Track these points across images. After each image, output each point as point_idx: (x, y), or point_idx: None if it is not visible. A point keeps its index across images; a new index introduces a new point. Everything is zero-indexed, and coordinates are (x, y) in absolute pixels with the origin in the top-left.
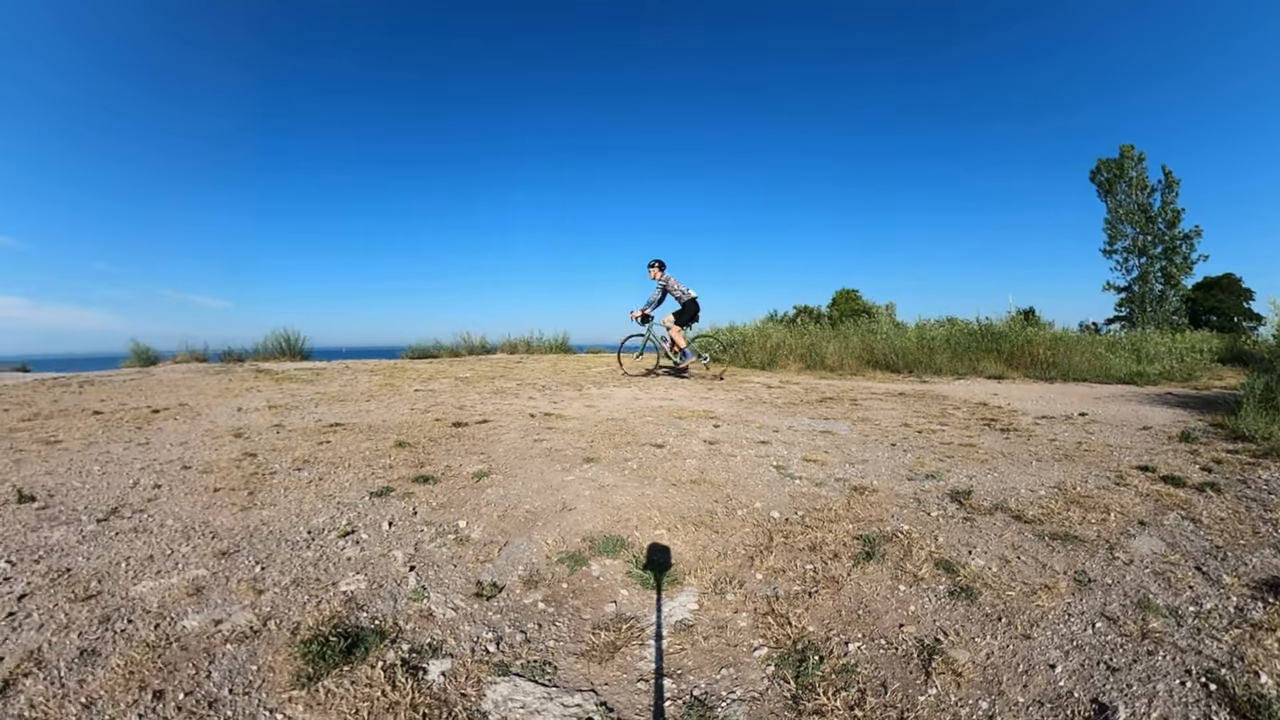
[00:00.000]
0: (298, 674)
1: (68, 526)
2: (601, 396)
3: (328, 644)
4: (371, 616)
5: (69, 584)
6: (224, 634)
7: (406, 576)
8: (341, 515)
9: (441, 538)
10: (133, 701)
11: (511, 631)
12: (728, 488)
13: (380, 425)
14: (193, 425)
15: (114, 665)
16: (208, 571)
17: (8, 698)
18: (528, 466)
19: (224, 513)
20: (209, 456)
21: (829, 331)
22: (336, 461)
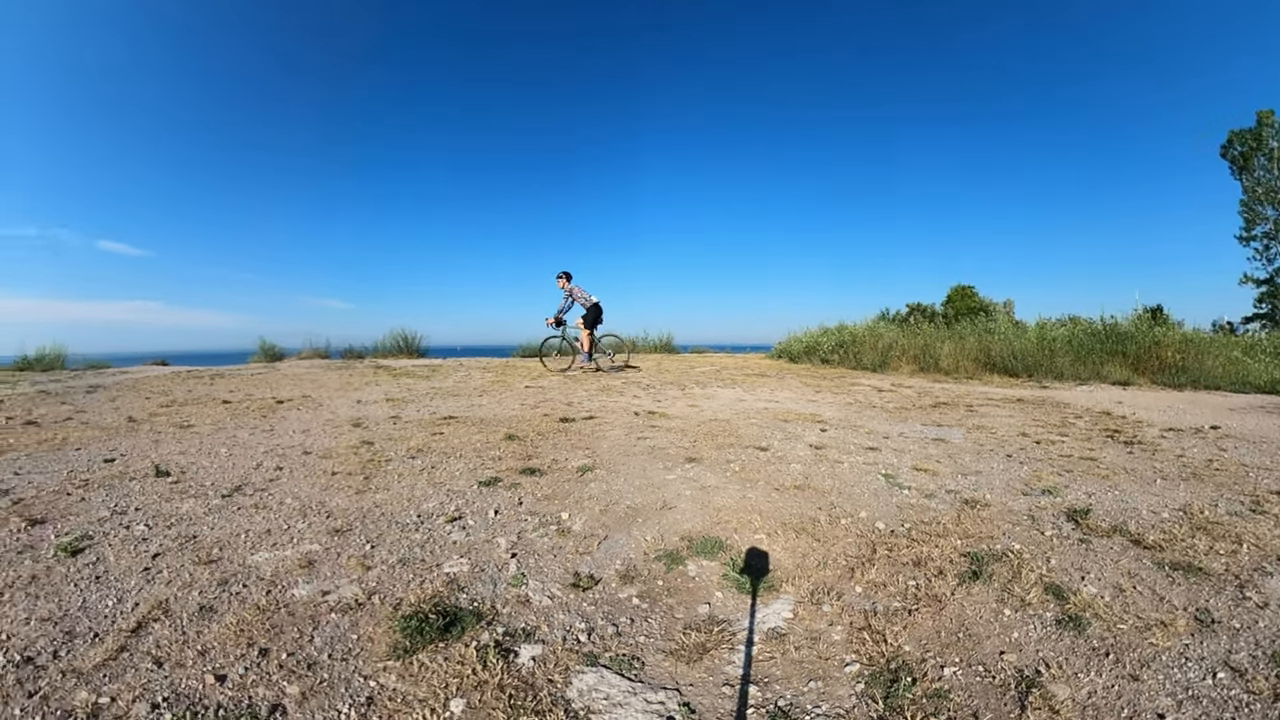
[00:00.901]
0: (395, 646)
1: (196, 500)
2: (705, 396)
3: (426, 621)
4: (471, 598)
5: (195, 549)
6: (330, 604)
7: (508, 563)
8: (450, 502)
9: (544, 528)
10: (241, 655)
11: (604, 624)
12: (832, 495)
13: (491, 419)
14: (314, 415)
15: (228, 622)
16: (320, 547)
17: (140, 636)
18: (630, 463)
19: (340, 495)
20: (329, 443)
21: (943, 331)
22: (448, 452)
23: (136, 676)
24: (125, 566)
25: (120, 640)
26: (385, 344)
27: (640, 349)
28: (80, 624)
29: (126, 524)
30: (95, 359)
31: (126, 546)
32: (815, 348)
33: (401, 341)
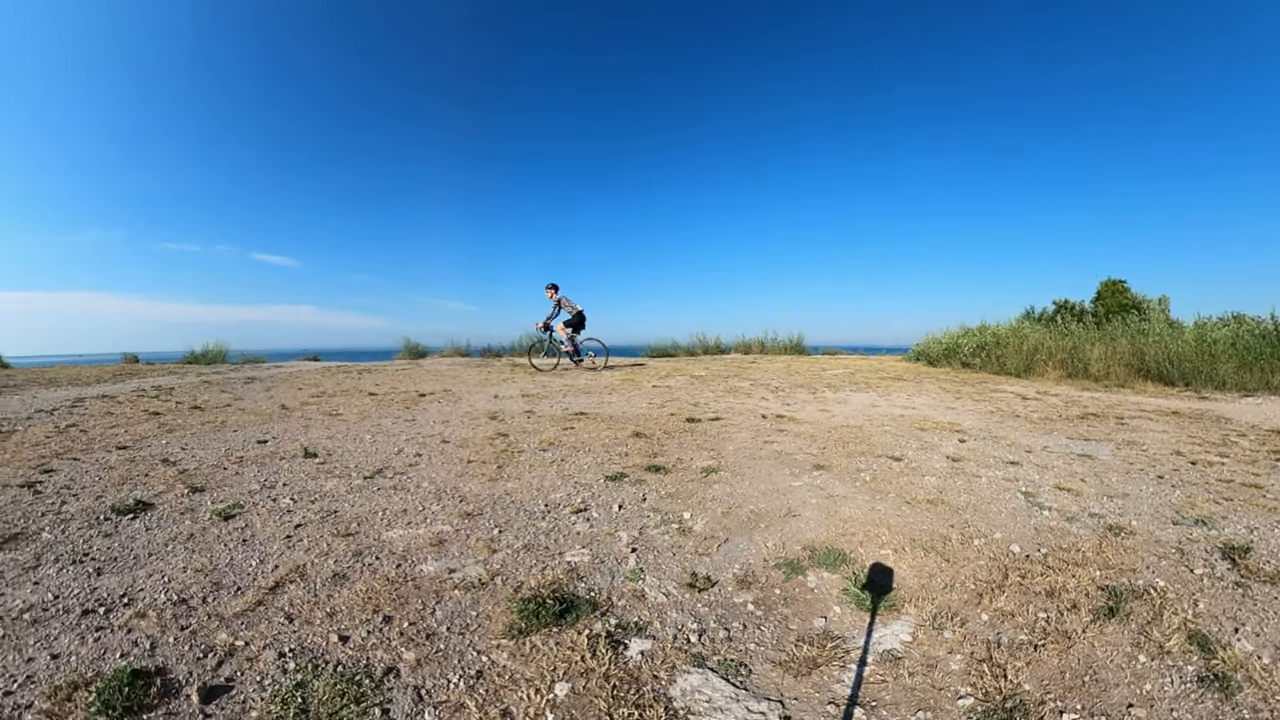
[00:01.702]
0: (511, 626)
1: (339, 479)
2: (837, 401)
3: (543, 605)
4: (588, 588)
5: (334, 523)
6: (454, 581)
7: (627, 557)
8: (577, 494)
9: (665, 526)
10: (365, 620)
11: (716, 627)
12: (967, 512)
13: (619, 416)
14: (454, 408)
15: (357, 589)
16: (451, 528)
17: (276, 593)
18: (756, 467)
19: (473, 481)
20: (466, 434)
21: (1093, 332)
22: (578, 446)
23: (269, 628)
24: (270, 533)
25: (259, 595)
26: (522, 343)
27: (769, 350)
28: (226, 578)
29: (274, 497)
30: (253, 354)
31: (273, 516)
32: (955, 350)
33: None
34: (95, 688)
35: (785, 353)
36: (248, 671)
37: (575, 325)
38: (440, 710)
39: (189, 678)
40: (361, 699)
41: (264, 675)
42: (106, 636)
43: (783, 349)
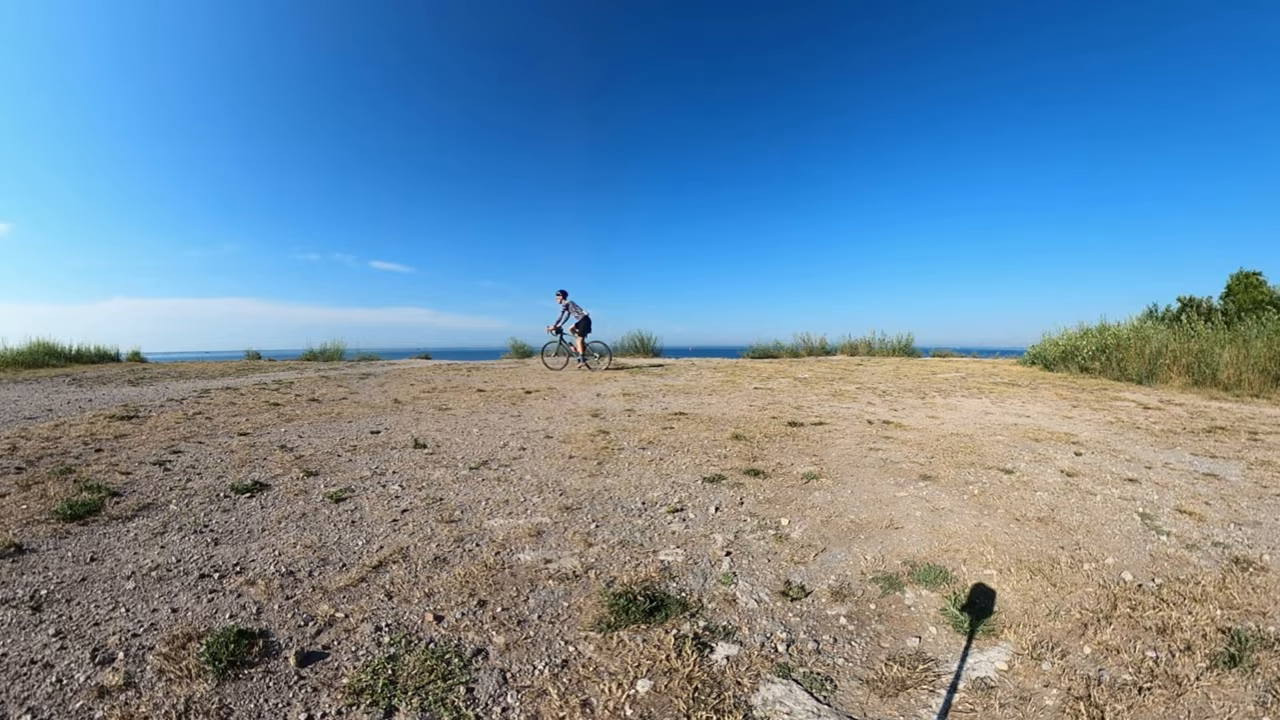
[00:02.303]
0: (600, 620)
1: (446, 469)
2: (947, 407)
3: (634, 602)
4: (680, 588)
5: (439, 510)
6: (550, 572)
7: (721, 560)
8: (674, 494)
9: (762, 531)
10: (461, 602)
11: (805, 638)
12: (1079, 533)
13: (720, 418)
14: (557, 405)
15: (456, 573)
16: (550, 520)
17: (379, 572)
18: (859, 475)
19: (574, 476)
20: (568, 430)
21: (1222, 333)
22: (677, 446)
23: (369, 603)
24: (377, 516)
25: (362, 573)
26: (623, 344)
27: (877, 351)
28: (333, 555)
29: (384, 483)
30: (368, 352)
31: (381, 501)
32: (1073, 353)
33: (638, 342)
34: (206, 641)
35: (893, 354)
36: (344, 641)
37: (583, 328)
38: (523, 694)
39: (289, 642)
40: (449, 676)
41: (359, 646)
42: (219, 599)
43: (891, 350)
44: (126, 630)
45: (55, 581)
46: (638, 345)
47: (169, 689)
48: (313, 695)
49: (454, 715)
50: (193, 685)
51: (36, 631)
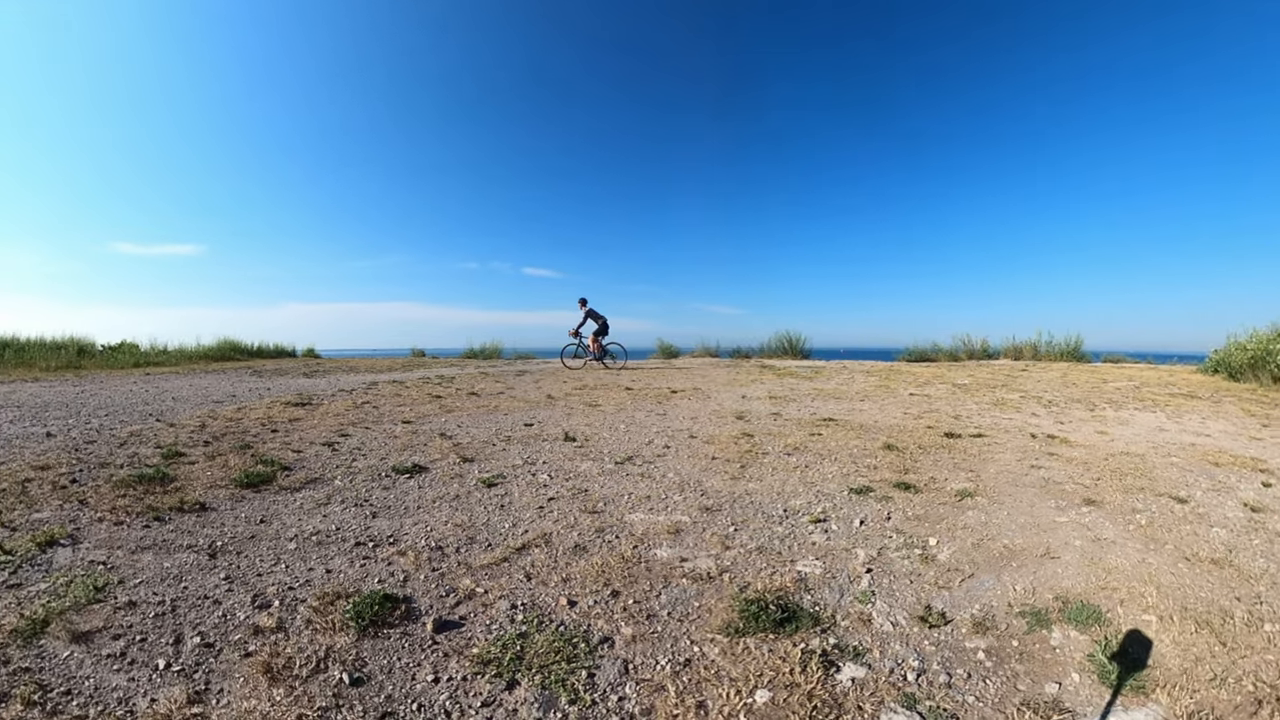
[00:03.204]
0: (728, 624)
1: (593, 462)
2: (1118, 421)
3: (765, 610)
4: (814, 601)
5: (583, 500)
6: (684, 570)
7: (861, 576)
8: (818, 503)
9: (907, 550)
10: (595, 590)
11: (938, 669)
12: (1261, 583)
13: (871, 425)
14: (702, 405)
15: (594, 562)
16: (689, 519)
17: (521, 554)
18: (1017, 495)
19: (716, 477)
20: (713, 431)
21: None
22: (824, 453)
23: (508, 582)
24: (525, 502)
25: (505, 553)
26: (771, 345)
27: (1043, 355)
28: (481, 535)
29: (533, 472)
30: (524, 351)
31: (529, 489)
32: (1265, 359)
33: (786, 343)
34: (353, 601)
35: (1061, 359)
36: (480, 614)
37: (601, 331)
38: (641, 687)
39: (429, 609)
40: (573, 659)
41: (493, 620)
42: (370, 565)
43: (1058, 354)
44: (284, 583)
45: (229, 536)
46: (785, 346)
47: (314, 637)
48: (443, 660)
49: (571, 696)
50: (335, 637)
51: (210, 574)
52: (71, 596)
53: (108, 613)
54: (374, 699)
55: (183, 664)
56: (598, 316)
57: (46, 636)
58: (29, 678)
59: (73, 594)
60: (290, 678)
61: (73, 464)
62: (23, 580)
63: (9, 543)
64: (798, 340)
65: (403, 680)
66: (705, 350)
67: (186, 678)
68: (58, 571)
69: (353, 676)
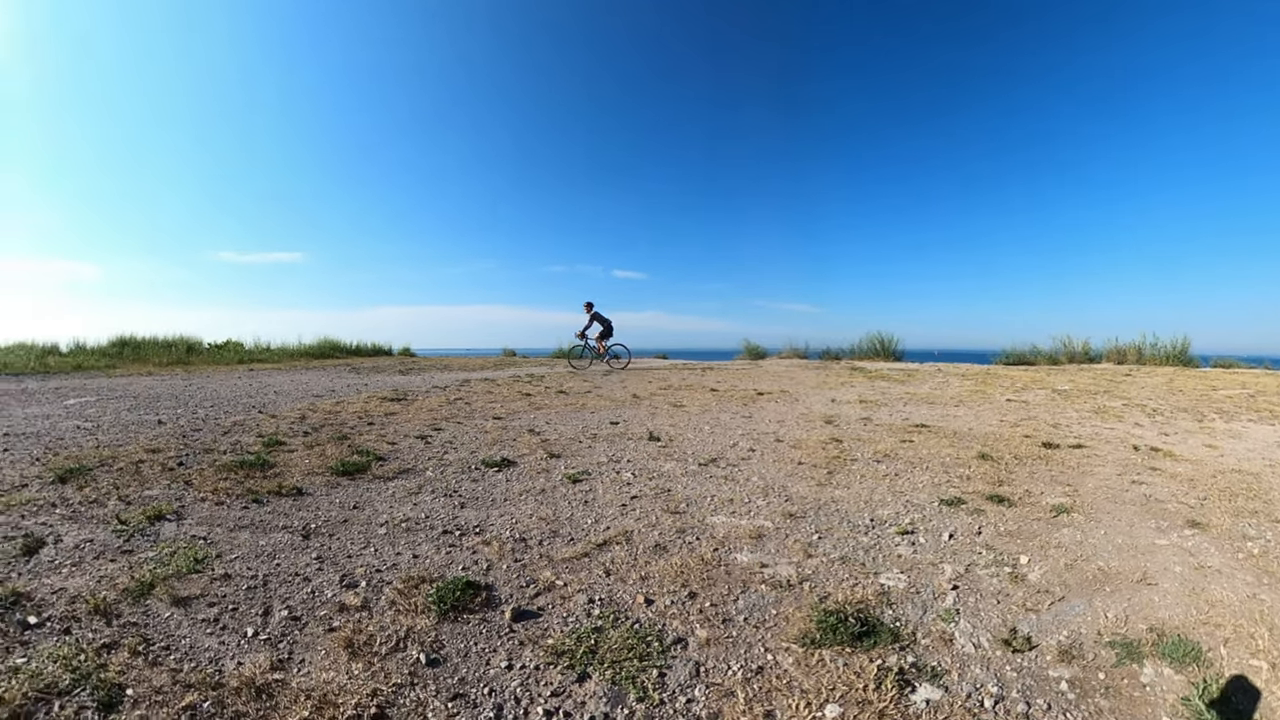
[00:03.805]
0: (805, 634)
1: (677, 463)
2: (1229, 434)
3: (843, 622)
4: (895, 617)
5: (666, 500)
6: (764, 576)
7: (946, 593)
8: (906, 514)
9: (997, 568)
10: (672, 590)
11: (1016, 698)
12: None
13: (965, 433)
14: (790, 408)
15: (673, 562)
16: (772, 525)
17: (602, 550)
18: (1116, 513)
19: (801, 483)
20: (799, 435)
21: None
22: (915, 461)
23: (588, 576)
24: (608, 499)
25: (587, 548)
26: (861, 346)
27: (1147, 359)
28: (563, 529)
29: (617, 470)
30: None
31: (614, 486)
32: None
33: (878, 344)
34: (436, 586)
35: (1166, 363)
36: (558, 607)
37: (605, 333)
38: (711, 691)
39: (508, 598)
40: (646, 657)
41: (570, 613)
42: (455, 553)
43: (1164, 358)
44: (372, 565)
45: (323, 520)
46: (877, 347)
47: (396, 617)
48: (518, 648)
49: (640, 694)
50: (416, 619)
51: (303, 554)
52: (174, 565)
53: (205, 582)
54: (447, 680)
55: (269, 633)
56: (603, 320)
57: (151, 598)
58: (135, 631)
59: (176, 563)
60: (370, 654)
61: (180, 449)
62: (134, 548)
63: (124, 514)
64: (889, 341)
65: (477, 664)
66: (793, 351)
67: (272, 646)
68: (164, 542)
69: (429, 657)
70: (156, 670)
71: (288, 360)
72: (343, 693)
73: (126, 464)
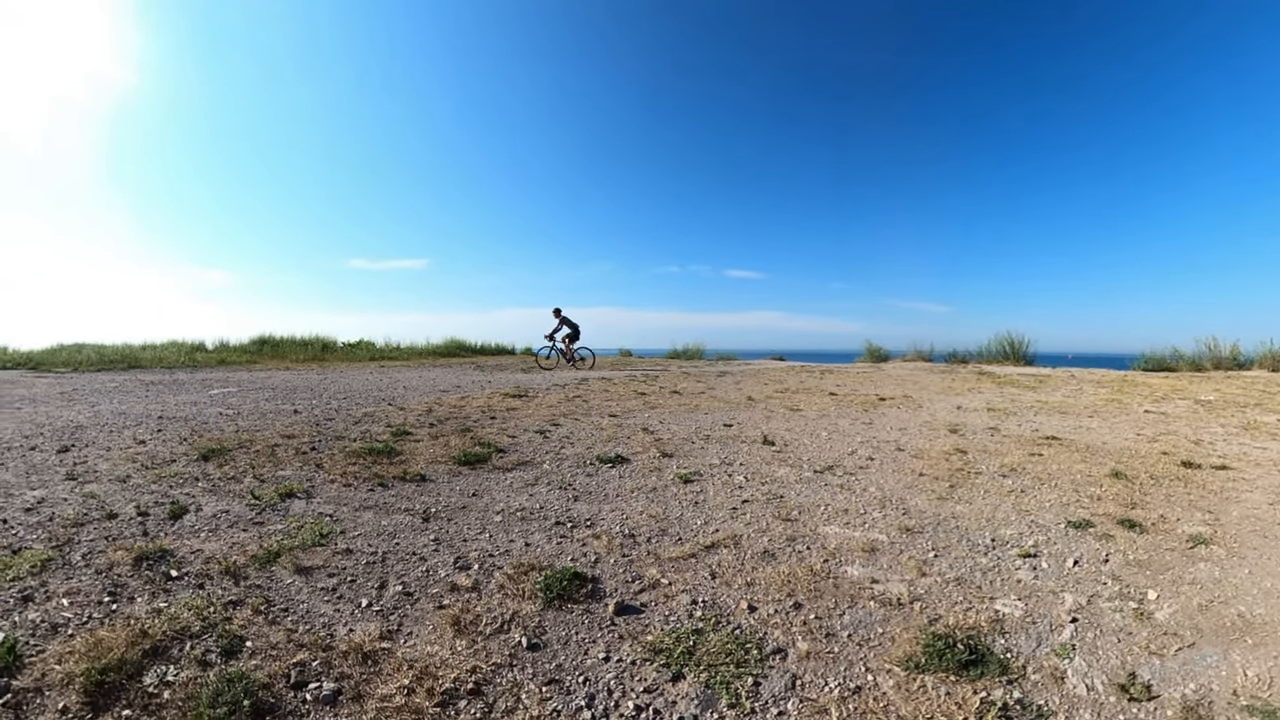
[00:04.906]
0: (909, 657)
1: (791, 469)
2: None
3: (951, 648)
4: (1006, 647)
5: (777, 506)
6: (873, 593)
7: (1064, 626)
8: (1030, 535)
9: (1121, 601)
10: (777, 599)
11: None
12: None
13: (1098, 447)
14: (912, 415)
15: (780, 570)
16: (886, 539)
17: (709, 552)
18: (1264, 550)
19: (920, 496)
20: (921, 444)
21: None
22: (1043, 477)
23: (693, 577)
24: (719, 502)
25: (694, 549)
26: (989, 349)
27: None
28: (672, 528)
29: (730, 473)
30: (725, 352)
31: (725, 489)
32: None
33: (1007, 347)
34: (544, 574)
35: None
36: (660, 605)
37: (573, 336)
38: (805, 705)
39: (613, 592)
40: (743, 664)
41: (672, 612)
42: (566, 544)
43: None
44: (485, 550)
45: (442, 505)
46: (1006, 350)
47: (503, 600)
48: (617, 641)
49: (732, 700)
50: (522, 603)
51: (421, 535)
52: (300, 538)
53: (327, 555)
54: (545, 665)
55: (382, 606)
56: (570, 324)
57: (276, 565)
58: (259, 593)
59: (301, 536)
60: (474, 633)
61: (313, 435)
62: (264, 521)
63: (258, 491)
64: (1020, 344)
65: (575, 653)
66: (917, 354)
67: (383, 617)
68: (292, 518)
69: (530, 641)
70: (274, 628)
71: (416, 358)
72: (444, 666)
73: (263, 447)
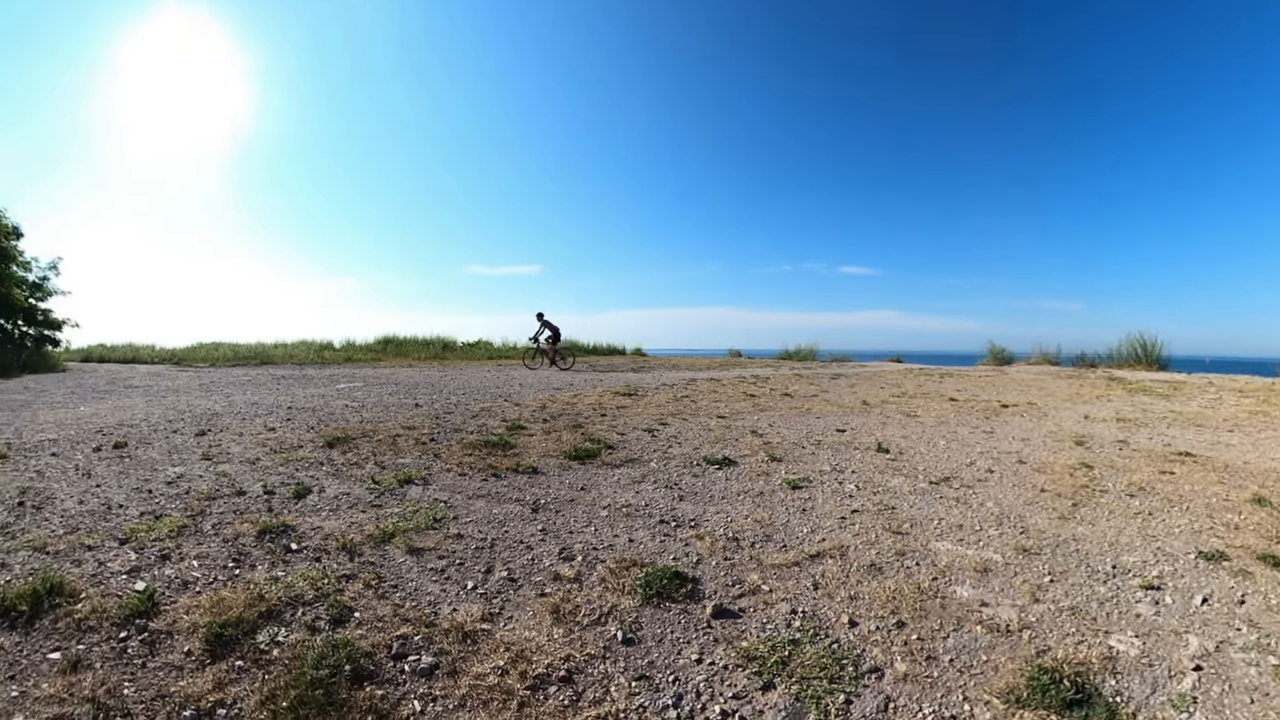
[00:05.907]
0: (1010, 689)
1: (905, 479)
2: None
3: (1057, 684)
4: (1116, 690)
5: (888, 518)
6: (981, 616)
7: (1185, 673)
8: (1155, 564)
9: (1257, 653)
10: (879, 615)
11: None
12: None
13: (1238, 467)
14: (1036, 425)
15: (886, 585)
16: (1001, 559)
17: (813, 562)
18: None
19: (1041, 514)
20: (1045, 457)
21: None
22: (1174, 499)
23: (795, 586)
24: (827, 510)
25: (798, 558)
26: (1120, 352)
27: None
28: (777, 534)
29: (840, 480)
30: (839, 354)
31: (834, 496)
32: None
33: (1139, 350)
34: (645, 571)
35: None
36: (758, 611)
37: (554, 338)
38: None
39: (712, 594)
40: (837, 680)
41: (769, 620)
42: (669, 543)
43: None
44: (590, 543)
45: (552, 497)
46: (1138, 354)
47: (603, 593)
48: (711, 644)
49: (821, 716)
50: (621, 598)
51: (530, 525)
52: (415, 521)
53: (439, 539)
54: (637, 660)
55: (486, 589)
56: (552, 327)
57: (390, 545)
58: (371, 569)
59: (416, 520)
60: (572, 622)
61: (433, 427)
62: (383, 504)
63: (378, 476)
64: (1153, 346)
65: (669, 651)
66: (1043, 356)
67: (486, 600)
68: (408, 502)
69: (626, 636)
70: (382, 602)
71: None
72: (539, 651)
73: (384, 437)
